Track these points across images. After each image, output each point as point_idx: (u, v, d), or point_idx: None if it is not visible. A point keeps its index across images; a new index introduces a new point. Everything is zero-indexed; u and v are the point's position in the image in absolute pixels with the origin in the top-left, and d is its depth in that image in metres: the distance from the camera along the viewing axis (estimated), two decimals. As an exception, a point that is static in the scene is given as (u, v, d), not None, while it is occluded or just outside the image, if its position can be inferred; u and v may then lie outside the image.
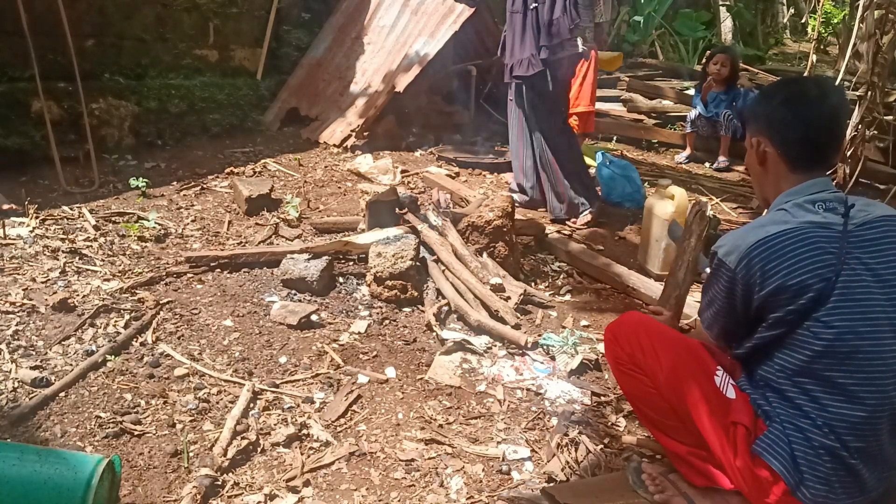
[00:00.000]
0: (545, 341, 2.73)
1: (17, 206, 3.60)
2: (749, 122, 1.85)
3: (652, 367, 1.77)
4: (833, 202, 1.64)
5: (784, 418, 1.61)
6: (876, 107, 4.09)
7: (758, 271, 1.59)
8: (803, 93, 1.73)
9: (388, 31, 5.84)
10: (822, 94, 1.71)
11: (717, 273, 1.69)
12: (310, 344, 2.67)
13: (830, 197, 1.66)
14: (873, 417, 1.54)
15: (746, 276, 1.61)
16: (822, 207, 1.63)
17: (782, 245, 1.58)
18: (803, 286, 1.54)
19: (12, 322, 2.58)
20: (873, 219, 1.62)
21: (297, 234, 3.67)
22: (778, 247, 1.58)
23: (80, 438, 2.07)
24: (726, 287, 1.67)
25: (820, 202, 1.64)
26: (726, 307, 1.71)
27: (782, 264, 1.56)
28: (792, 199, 1.68)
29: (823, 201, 1.64)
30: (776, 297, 1.58)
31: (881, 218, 1.63)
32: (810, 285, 1.54)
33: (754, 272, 1.59)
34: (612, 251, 3.87)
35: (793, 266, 1.56)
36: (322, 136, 5.45)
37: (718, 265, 1.68)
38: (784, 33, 13.63)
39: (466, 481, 2.02)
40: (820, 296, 1.54)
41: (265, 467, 2.03)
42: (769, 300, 1.59)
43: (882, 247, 1.59)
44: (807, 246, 1.56)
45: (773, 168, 1.76)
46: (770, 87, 1.88)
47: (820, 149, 1.72)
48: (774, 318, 1.61)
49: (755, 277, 1.59)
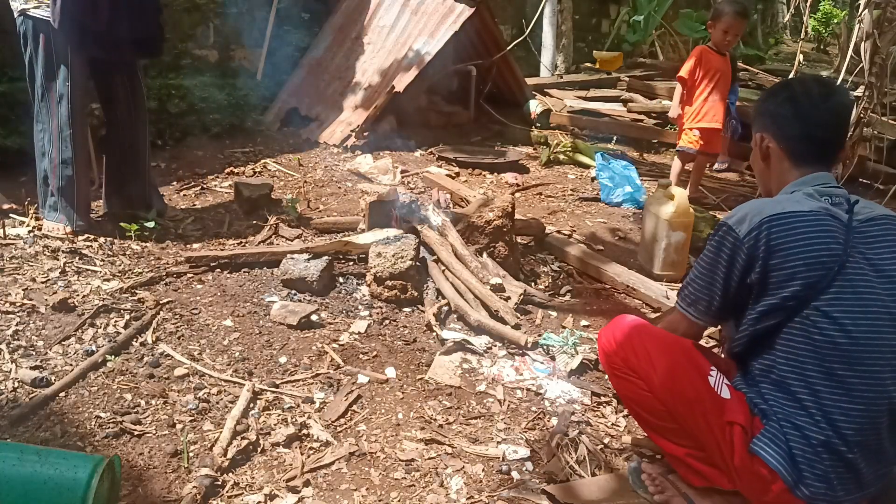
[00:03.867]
0: (545, 341, 2.74)
1: (17, 206, 3.60)
2: (754, 119, 1.87)
3: (646, 370, 1.77)
4: (839, 197, 1.67)
5: (781, 416, 1.61)
6: (874, 106, 4.10)
7: (764, 244, 1.58)
8: (807, 91, 1.76)
9: (388, 31, 5.84)
10: (825, 93, 1.74)
11: (721, 242, 1.68)
12: (310, 344, 2.67)
13: (836, 192, 1.69)
14: (871, 411, 1.55)
15: (753, 247, 1.60)
16: (828, 200, 1.66)
17: (795, 224, 1.58)
18: (806, 269, 1.55)
19: (12, 322, 2.58)
20: (877, 216, 1.65)
21: (297, 234, 3.67)
22: (791, 225, 1.58)
23: (80, 438, 2.07)
24: (728, 256, 1.66)
25: (826, 196, 1.67)
26: (722, 279, 1.69)
27: (792, 242, 1.57)
28: (800, 189, 1.70)
29: (830, 195, 1.67)
30: (775, 273, 1.57)
31: (884, 216, 1.66)
32: (814, 268, 1.55)
33: (761, 244, 1.59)
34: (612, 251, 3.87)
35: (801, 246, 1.56)
36: (322, 136, 5.45)
37: (725, 233, 1.67)
38: (784, 33, 13.63)
39: (466, 481, 2.02)
40: (819, 282, 1.54)
41: (265, 467, 2.03)
42: (766, 278, 1.59)
43: (885, 243, 1.62)
44: (818, 230, 1.57)
45: (776, 164, 1.79)
46: (776, 85, 1.91)
47: (822, 145, 1.75)
48: (770, 305, 1.60)
49: (760, 250, 1.59)
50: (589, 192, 4.91)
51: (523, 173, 5.29)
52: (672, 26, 10.08)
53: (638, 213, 4.50)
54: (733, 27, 4.49)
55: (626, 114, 6.85)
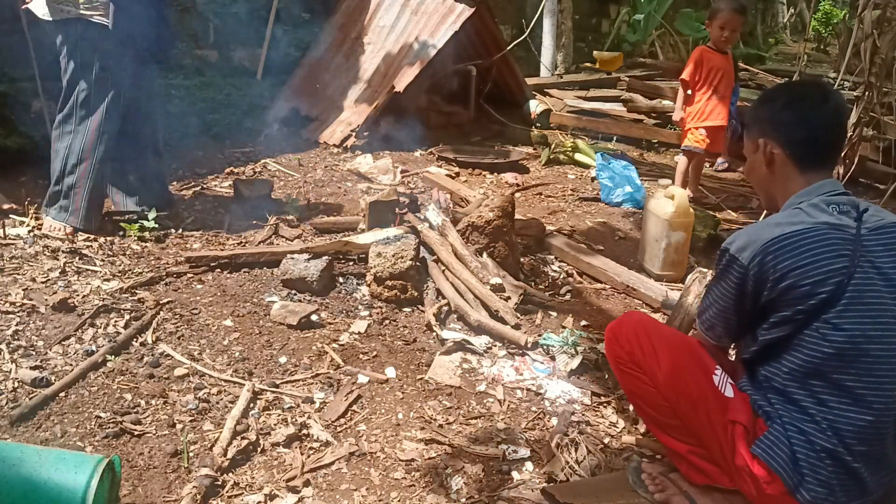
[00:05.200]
0: (545, 341, 2.74)
1: (17, 206, 3.60)
2: (750, 126, 1.85)
3: (651, 366, 1.77)
4: (846, 205, 1.65)
5: (786, 420, 1.61)
6: (874, 106, 4.09)
7: (771, 269, 1.59)
8: (805, 94, 1.77)
9: (388, 31, 5.84)
10: (823, 95, 1.75)
11: (727, 270, 1.69)
12: (310, 344, 2.67)
13: (844, 200, 1.67)
14: (879, 422, 1.55)
15: (759, 272, 1.61)
16: (836, 210, 1.64)
17: (798, 244, 1.58)
18: (816, 286, 1.55)
19: (12, 322, 2.58)
20: (886, 224, 1.63)
21: (297, 234, 3.67)
22: (793, 245, 1.58)
23: (80, 438, 2.07)
24: (736, 284, 1.67)
25: (834, 204, 1.65)
26: (734, 305, 1.71)
27: (797, 263, 1.56)
28: (805, 200, 1.69)
29: (837, 204, 1.65)
30: (787, 295, 1.58)
31: (894, 224, 1.64)
32: (823, 286, 1.55)
33: (767, 269, 1.59)
34: (612, 251, 3.87)
35: (807, 266, 1.56)
36: (322, 136, 5.45)
37: (729, 262, 1.67)
38: (784, 33, 13.64)
39: (466, 481, 2.02)
40: (831, 297, 1.55)
41: (265, 467, 2.03)
42: (779, 298, 1.60)
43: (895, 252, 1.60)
44: (822, 246, 1.57)
45: (781, 170, 1.77)
46: (770, 91, 1.90)
47: (826, 148, 1.75)
48: (781, 317, 1.61)
49: (768, 274, 1.59)
50: (589, 192, 4.91)
51: (523, 173, 5.29)
52: (672, 26, 10.09)
53: (638, 213, 4.50)
54: (729, 23, 4.49)
55: (626, 114, 6.84)
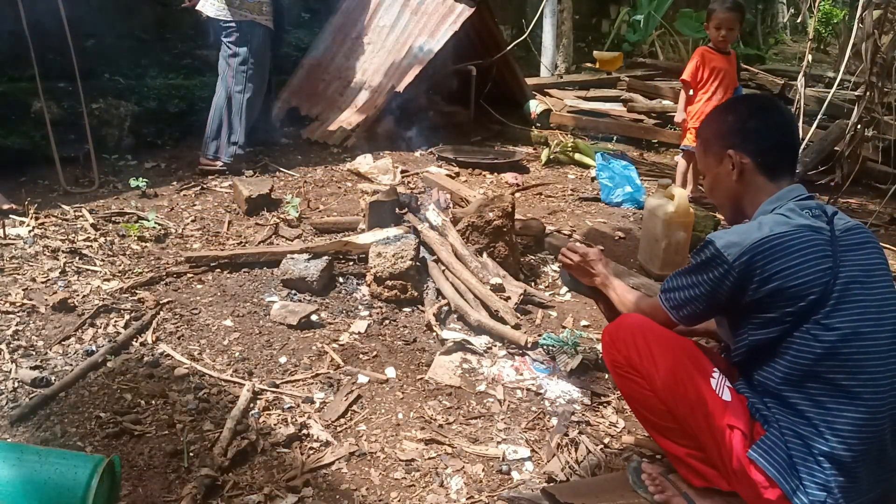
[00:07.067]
0: (545, 341, 2.74)
1: (17, 206, 3.60)
2: (712, 141, 1.86)
3: (648, 370, 1.77)
4: (817, 209, 1.69)
5: (783, 424, 1.61)
6: (875, 106, 4.09)
7: (758, 270, 1.59)
8: (763, 104, 1.88)
9: (388, 31, 5.84)
10: (776, 105, 1.87)
11: (709, 263, 1.67)
12: (310, 344, 2.67)
13: (813, 204, 1.71)
14: (875, 419, 1.55)
15: (745, 272, 1.61)
16: (809, 213, 1.67)
17: (785, 246, 1.59)
18: (805, 288, 1.56)
19: (12, 322, 2.58)
20: (853, 225, 1.69)
21: (297, 234, 3.67)
22: (781, 247, 1.59)
23: (80, 438, 2.07)
24: (715, 278, 1.66)
25: (807, 209, 1.68)
26: (706, 296, 1.70)
27: (785, 265, 1.58)
28: (777, 206, 1.71)
29: (809, 208, 1.69)
30: (774, 296, 1.59)
31: (857, 225, 1.71)
32: (812, 287, 1.56)
33: (754, 270, 1.59)
34: (612, 251, 3.87)
35: (796, 267, 1.57)
36: (322, 136, 5.45)
37: (713, 256, 1.66)
38: (784, 33, 13.64)
39: (466, 481, 2.02)
40: (821, 297, 1.56)
41: (265, 467, 2.03)
42: (766, 299, 1.60)
43: (866, 251, 1.65)
44: (808, 248, 1.59)
45: (750, 180, 1.79)
46: (727, 106, 1.96)
47: (791, 152, 1.83)
48: (768, 318, 1.61)
49: (754, 275, 1.59)
50: (589, 192, 4.91)
51: (523, 173, 5.28)
52: (672, 26, 10.09)
53: (638, 213, 4.50)
54: (725, 22, 4.48)
55: (626, 114, 6.84)
